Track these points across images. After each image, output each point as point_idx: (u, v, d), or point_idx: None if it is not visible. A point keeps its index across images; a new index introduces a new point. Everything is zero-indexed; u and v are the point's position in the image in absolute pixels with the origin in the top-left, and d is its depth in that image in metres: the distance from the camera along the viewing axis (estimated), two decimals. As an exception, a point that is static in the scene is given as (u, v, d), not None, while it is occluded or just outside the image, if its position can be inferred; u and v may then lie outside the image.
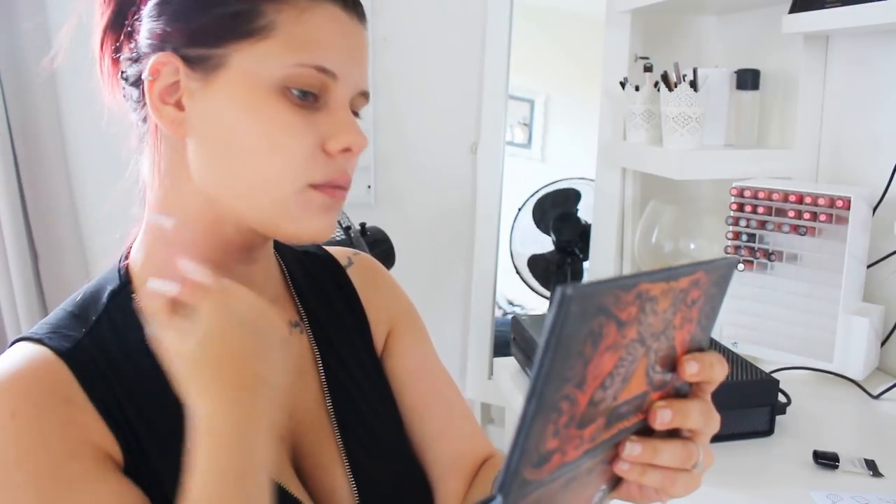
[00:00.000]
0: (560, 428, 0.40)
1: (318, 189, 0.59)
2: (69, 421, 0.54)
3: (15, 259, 1.83)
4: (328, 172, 0.59)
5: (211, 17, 0.58)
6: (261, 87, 0.57)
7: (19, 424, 0.52)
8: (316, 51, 0.58)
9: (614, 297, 0.39)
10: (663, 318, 0.45)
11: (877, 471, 0.95)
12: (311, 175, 0.59)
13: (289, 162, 0.58)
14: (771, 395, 1.04)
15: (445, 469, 0.75)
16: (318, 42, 0.58)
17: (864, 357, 1.19)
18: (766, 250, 1.27)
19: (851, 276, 1.20)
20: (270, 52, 0.57)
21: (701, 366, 0.49)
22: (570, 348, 0.38)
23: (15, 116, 1.82)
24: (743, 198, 1.28)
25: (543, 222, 2.20)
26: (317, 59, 0.57)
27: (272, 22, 0.57)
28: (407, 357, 0.78)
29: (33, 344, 0.57)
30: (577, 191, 2.20)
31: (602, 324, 0.39)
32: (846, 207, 1.17)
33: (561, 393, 0.39)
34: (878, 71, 1.32)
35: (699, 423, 0.50)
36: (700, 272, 0.46)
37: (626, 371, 0.44)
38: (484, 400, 2.22)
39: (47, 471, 0.52)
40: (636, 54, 1.78)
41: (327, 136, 0.59)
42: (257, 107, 0.57)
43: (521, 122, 2.40)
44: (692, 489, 0.52)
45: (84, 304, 0.62)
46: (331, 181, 0.60)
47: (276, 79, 0.57)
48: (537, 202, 2.22)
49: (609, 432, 0.45)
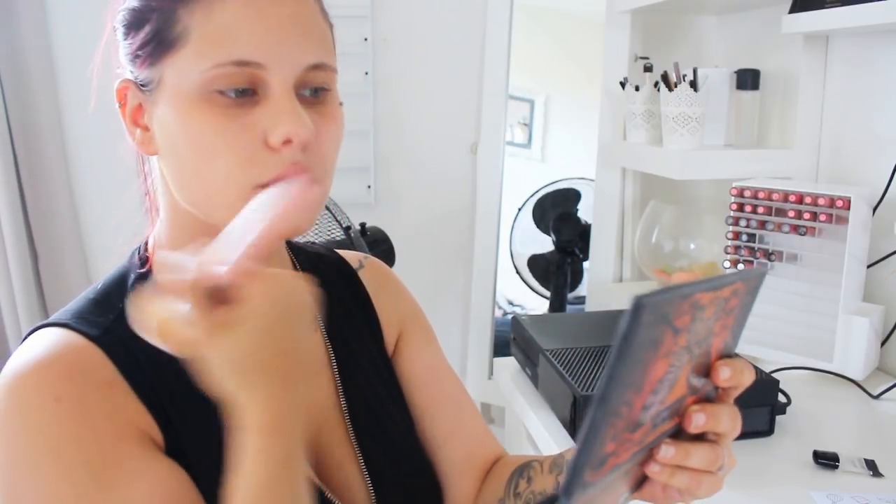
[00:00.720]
0: (618, 433, 0.42)
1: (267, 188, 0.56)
2: (112, 404, 0.55)
3: (15, 259, 1.83)
4: (273, 169, 0.56)
5: (141, 37, 0.57)
6: (188, 96, 0.55)
7: (66, 407, 0.52)
8: (230, 46, 0.54)
9: (675, 305, 0.41)
10: (707, 326, 0.46)
11: (877, 471, 0.95)
12: (256, 176, 0.56)
13: (228, 166, 0.55)
14: (771, 395, 1.04)
15: (456, 469, 0.76)
16: (232, 35, 0.54)
17: (864, 357, 1.19)
18: (766, 250, 1.27)
19: (851, 276, 1.20)
20: (188, 59, 0.55)
21: (732, 371, 0.50)
22: (636, 355, 0.39)
23: (15, 116, 1.82)
24: (743, 198, 1.28)
25: (543, 222, 2.20)
26: (233, 55, 0.54)
27: (186, 28, 0.55)
28: (417, 359, 0.79)
29: (60, 329, 0.57)
30: (577, 191, 2.20)
31: (663, 331, 0.41)
32: (846, 207, 1.17)
33: (623, 398, 0.41)
34: (878, 71, 1.32)
35: (728, 427, 0.51)
36: (739, 282, 0.48)
37: (674, 377, 0.45)
38: (484, 400, 2.22)
39: (97, 451, 0.52)
40: (636, 54, 1.78)
41: (267, 129, 0.55)
42: (188, 117, 0.55)
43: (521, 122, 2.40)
44: (715, 491, 0.53)
45: (107, 291, 0.62)
46: (278, 177, 0.56)
47: (198, 85, 0.55)
48: (537, 202, 2.22)
49: (653, 435, 0.47)
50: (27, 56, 1.81)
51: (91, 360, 0.56)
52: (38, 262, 1.91)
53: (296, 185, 0.53)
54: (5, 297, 1.86)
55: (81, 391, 0.54)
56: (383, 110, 2.07)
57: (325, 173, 0.59)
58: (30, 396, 0.52)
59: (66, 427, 0.52)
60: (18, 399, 0.52)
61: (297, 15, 0.56)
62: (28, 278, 1.87)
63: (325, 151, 0.59)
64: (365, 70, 2.02)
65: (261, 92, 0.56)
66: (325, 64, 0.58)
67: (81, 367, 0.55)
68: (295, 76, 0.56)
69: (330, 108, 0.59)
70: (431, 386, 0.78)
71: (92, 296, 0.61)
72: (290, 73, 0.56)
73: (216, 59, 0.54)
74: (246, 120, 0.55)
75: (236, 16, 0.54)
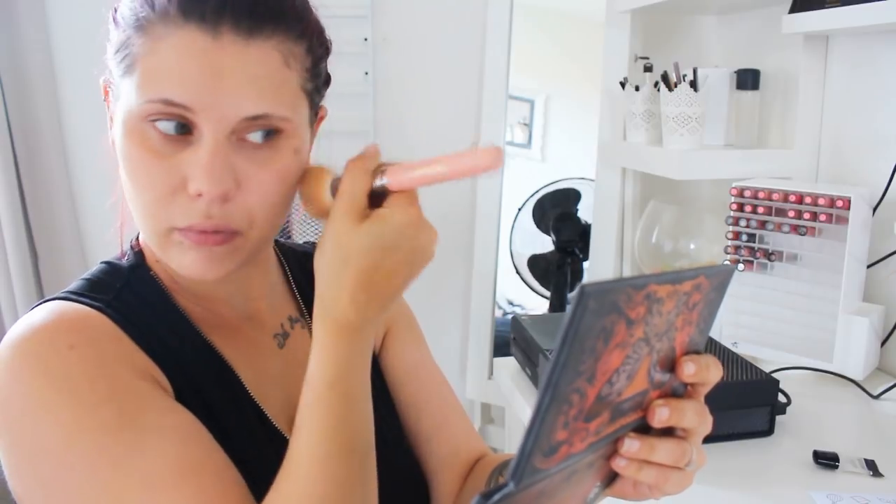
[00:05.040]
0: (570, 420, 0.42)
1: (181, 232, 0.56)
2: (124, 351, 0.56)
3: (15, 259, 1.84)
4: (187, 217, 0.55)
5: (110, 48, 0.58)
6: (129, 121, 0.55)
7: (80, 353, 0.54)
8: (161, 83, 0.53)
9: (627, 295, 0.41)
10: (667, 320, 0.46)
11: (877, 471, 0.95)
12: (171, 218, 0.56)
13: (147, 204, 0.56)
14: (771, 395, 1.04)
15: (441, 464, 0.77)
16: (165, 74, 0.53)
17: (864, 357, 1.19)
18: (766, 250, 1.27)
19: (851, 276, 1.20)
20: (132, 87, 0.55)
21: (698, 367, 0.50)
22: (584, 343, 0.40)
23: (15, 116, 1.82)
24: (743, 198, 1.28)
25: (543, 222, 2.20)
26: (163, 93, 0.53)
27: (135, 55, 0.55)
28: (404, 355, 0.80)
29: (61, 301, 0.58)
30: (577, 191, 2.20)
31: (614, 321, 0.41)
32: (846, 207, 1.17)
33: (573, 386, 0.41)
34: (878, 71, 1.32)
35: (693, 423, 0.51)
36: (702, 276, 0.48)
37: (632, 368, 0.45)
38: (484, 400, 2.22)
39: (118, 388, 0.53)
40: (636, 54, 1.78)
41: (188, 177, 0.54)
42: (128, 141, 0.56)
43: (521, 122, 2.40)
44: (684, 487, 0.53)
45: (102, 276, 0.63)
46: (190, 226, 0.55)
47: (136, 114, 0.55)
48: (537, 202, 2.22)
49: (612, 427, 0.47)
50: (27, 56, 1.81)
51: (97, 319, 0.57)
52: (38, 262, 1.91)
53: (488, 156, 0.53)
54: (5, 297, 1.86)
55: (93, 338, 0.55)
56: (383, 110, 2.07)
57: (251, 224, 0.58)
58: (44, 347, 0.54)
59: (85, 367, 0.53)
60: (33, 350, 0.54)
61: (241, 64, 0.54)
62: (28, 278, 1.87)
63: (252, 203, 0.57)
64: (365, 70, 2.02)
65: (195, 134, 0.55)
66: (267, 115, 0.55)
67: (90, 321, 0.57)
68: (229, 126, 0.54)
69: (276, 154, 0.57)
70: (418, 382, 0.79)
71: (87, 277, 0.63)
72: (222, 123, 0.54)
73: (149, 94, 0.54)
74: (172, 161, 0.54)
75: (174, 56, 0.53)
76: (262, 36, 0.55)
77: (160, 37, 0.54)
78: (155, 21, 0.54)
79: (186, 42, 0.53)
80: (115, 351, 0.56)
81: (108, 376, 0.54)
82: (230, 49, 0.53)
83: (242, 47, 0.54)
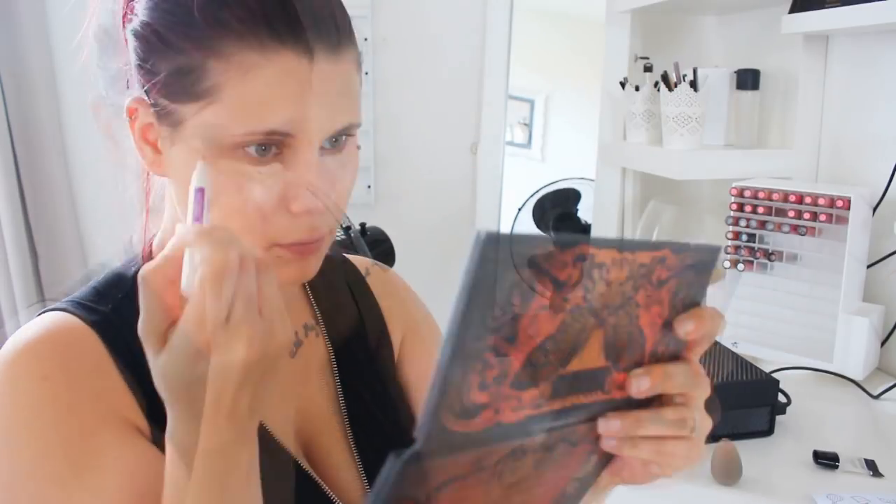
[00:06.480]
0: (489, 382, 0.39)
1: (284, 248, 0.56)
2: (99, 389, 0.55)
3: (15, 259, 1.84)
4: (292, 233, 0.55)
5: (164, 67, 0.54)
6: (210, 149, 0.53)
7: (51, 387, 0.53)
8: (263, 116, 0.52)
9: (546, 252, 0.39)
10: (620, 292, 0.43)
11: (877, 471, 0.95)
12: (273, 237, 0.55)
13: (247, 228, 0.54)
14: (771, 395, 1.04)
15: None
16: (266, 105, 0.52)
17: (864, 357, 1.19)
18: (766, 250, 1.27)
19: (851, 276, 1.20)
20: (217, 116, 0.52)
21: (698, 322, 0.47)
22: (489, 295, 0.37)
23: (15, 116, 1.82)
24: (743, 198, 1.28)
25: (543, 222, 2.21)
26: (265, 125, 0.52)
27: (216, 85, 0.52)
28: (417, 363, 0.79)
29: (59, 312, 0.58)
30: (577, 191, 2.20)
31: (532, 277, 0.39)
32: (846, 207, 1.17)
33: (484, 342, 0.38)
34: (878, 71, 1.32)
35: (686, 386, 0.49)
36: (666, 250, 0.44)
37: (575, 339, 0.43)
38: (484, 400, 2.22)
39: (78, 436, 0.52)
40: (636, 54, 1.78)
41: (290, 196, 0.54)
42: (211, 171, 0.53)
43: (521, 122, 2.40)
44: (695, 457, 0.50)
45: (108, 283, 0.62)
46: (296, 241, 0.56)
47: (225, 146, 0.53)
48: (537, 202, 2.22)
49: (559, 403, 0.44)
50: (27, 56, 1.81)
51: (84, 341, 0.56)
52: (38, 262, 1.91)
53: None
54: (5, 297, 1.86)
55: (69, 371, 0.54)
56: (383, 110, 2.07)
57: (338, 221, 0.59)
58: (20, 375, 0.54)
59: (50, 409, 0.53)
60: (10, 378, 0.54)
61: (334, 80, 0.54)
62: (28, 278, 1.87)
63: (341, 202, 0.58)
64: (365, 70, 2.02)
65: (284, 151, 0.54)
66: (353, 124, 0.57)
67: (73, 347, 0.56)
68: (321, 140, 0.55)
69: (348, 154, 0.58)
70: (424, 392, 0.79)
71: (94, 284, 0.62)
72: (317, 138, 0.54)
73: (247, 127, 0.52)
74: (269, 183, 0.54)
75: (272, 84, 0.52)
76: (345, 50, 0.55)
77: (254, 64, 0.51)
78: (241, 46, 0.51)
79: (285, 68, 0.52)
80: (90, 384, 0.54)
81: (73, 420, 0.52)
82: (325, 68, 0.53)
83: (333, 65, 0.54)
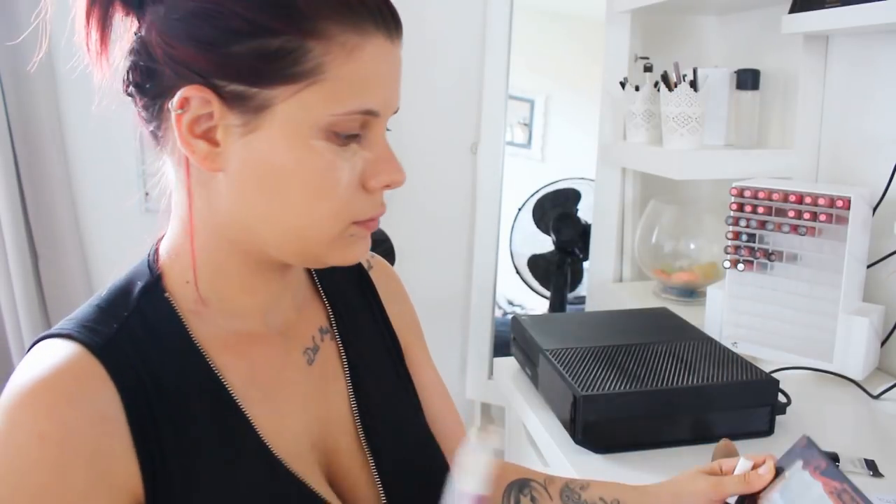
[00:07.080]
0: None
1: (360, 224, 0.60)
2: (95, 448, 0.53)
3: (15, 259, 1.84)
4: (369, 209, 0.60)
5: (248, 50, 0.53)
6: (306, 133, 0.55)
7: (46, 449, 0.51)
8: (364, 95, 0.56)
9: None
10: None
11: (877, 471, 0.95)
12: (354, 214, 0.59)
13: (335, 207, 0.58)
14: (771, 395, 1.04)
15: None
16: (367, 84, 0.56)
17: (864, 357, 1.19)
18: (766, 250, 1.27)
19: (851, 276, 1.20)
20: (318, 98, 0.54)
21: None
22: None
23: (15, 116, 1.82)
24: (743, 198, 1.28)
25: (543, 222, 2.21)
26: (366, 105, 0.56)
27: (320, 65, 0.54)
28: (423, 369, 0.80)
29: (62, 340, 0.56)
30: (577, 191, 2.20)
31: None
32: (846, 207, 1.17)
33: None
34: (878, 71, 1.32)
35: None
36: None
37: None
38: (484, 400, 2.22)
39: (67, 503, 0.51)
40: (636, 54, 1.78)
41: (368, 173, 0.59)
42: (303, 153, 0.55)
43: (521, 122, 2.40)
44: None
45: (112, 300, 0.60)
46: (371, 216, 0.60)
47: (321, 125, 0.55)
48: (537, 202, 2.22)
49: None
50: (27, 56, 1.81)
51: (89, 383, 0.54)
52: (38, 262, 1.91)
53: None
54: (5, 297, 1.86)
55: (67, 426, 0.52)
56: (383, 110, 2.07)
57: None
58: (18, 426, 0.52)
59: (44, 474, 0.51)
60: (9, 429, 0.52)
61: (400, 63, 0.60)
62: (28, 278, 1.87)
63: None
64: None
65: (362, 135, 0.58)
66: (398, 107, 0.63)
67: (75, 395, 0.53)
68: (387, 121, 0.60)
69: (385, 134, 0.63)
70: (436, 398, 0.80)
71: (97, 303, 0.60)
72: (386, 119, 0.60)
73: (351, 106, 0.55)
74: (353, 162, 0.57)
75: (372, 65, 0.56)
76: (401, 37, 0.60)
77: (353, 46, 0.55)
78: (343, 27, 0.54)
79: (380, 48, 0.57)
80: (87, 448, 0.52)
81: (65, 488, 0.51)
82: (398, 53, 0.59)
83: (399, 48, 0.60)
